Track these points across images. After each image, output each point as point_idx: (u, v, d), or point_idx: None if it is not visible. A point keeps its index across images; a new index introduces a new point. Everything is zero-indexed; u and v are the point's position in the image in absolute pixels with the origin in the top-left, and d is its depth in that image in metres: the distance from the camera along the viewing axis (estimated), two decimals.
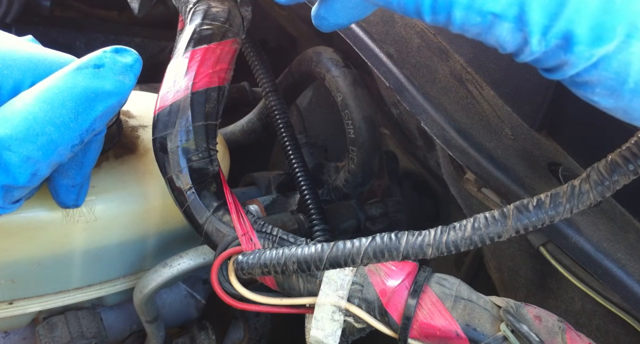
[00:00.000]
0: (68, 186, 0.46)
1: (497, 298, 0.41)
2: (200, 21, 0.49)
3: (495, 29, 0.22)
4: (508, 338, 0.38)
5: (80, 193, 0.47)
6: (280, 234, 0.44)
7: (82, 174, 0.46)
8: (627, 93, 0.22)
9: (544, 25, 0.21)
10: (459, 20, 0.22)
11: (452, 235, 0.34)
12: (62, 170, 0.46)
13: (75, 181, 0.46)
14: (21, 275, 0.53)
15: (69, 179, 0.46)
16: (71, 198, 0.47)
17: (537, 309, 0.40)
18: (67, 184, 0.46)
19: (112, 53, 0.41)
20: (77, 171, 0.46)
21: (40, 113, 0.38)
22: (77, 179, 0.46)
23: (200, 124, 0.46)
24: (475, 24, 0.22)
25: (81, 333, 0.59)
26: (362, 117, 0.64)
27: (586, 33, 0.21)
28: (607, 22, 0.20)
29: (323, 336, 0.42)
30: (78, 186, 0.47)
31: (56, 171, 0.45)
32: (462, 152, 0.46)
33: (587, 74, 0.22)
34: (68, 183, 0.46)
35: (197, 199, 0.45)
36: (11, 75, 0.40)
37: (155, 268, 0.57)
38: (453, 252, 0.34)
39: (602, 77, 0.22)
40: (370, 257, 0.36)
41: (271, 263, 0.40)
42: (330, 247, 0.38)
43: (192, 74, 0.46)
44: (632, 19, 0.20)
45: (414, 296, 0.40)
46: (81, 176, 0.46)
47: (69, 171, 0.46)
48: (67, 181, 0.46)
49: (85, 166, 0.46)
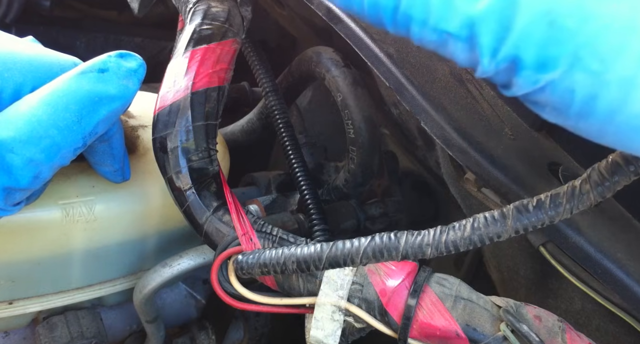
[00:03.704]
0: (112, 172, 0.50)
1: (497, 298, 0.41)
2: (200, 21, 0.49)
3: (449, 47, 0.23)
4: (508, 337, 0.38)
5: (125, 172, 0.51)
6: (280, 234, 0.44)
7: (117, 160, 0.49)
8: (573, 115, 0.23)
9: (493, 48, 0.22)
10: (417, 35, 0.24)
11: (451, 235, 0.34)
12: (99, 162, 0.49)
13: (115, 167, 0.50)
14: (21, 275, 0.53)
15: (108, 167, 0.50)
16: (119, 178, 0.51)
17: (537, 309, 0.40)
18: (110, 170, 0.50)
19: (117, 58, 0.42)
20: (112, 160, 0.49)
21: (43, 116, 0.38)
22: (116, 165, 0.49)
23: (200, 124, 0.46)
24: (432, 40, 0.24)
25: (81, 333, 0.59)
26: (362, 117, 0.64)
27: (532, 59, 0.22)
28: (552, 51, 0.21)
29: (323, 336, 0.42)
30: (119, 169, 0.50)
31: (96, 163, 0.49)
32: (462, 152, 0.46)
33: (536, 95, 0.23)
34: (110, 170, 0.50)
35: (197, 199, 0.45)
36: (12, 78, 0.40)
37: (155, 268, 0.57)
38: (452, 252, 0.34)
39: (549, 99, 0.23)
40: (369, 257, 0.36)
41: (271, 263, 0.40)
42: (330, 247, 0.38)
43: (192, 74, 0.46)
44: (575, 50, 0.21)
45: (414, 296, 0.40)
46: (117, 162, 0.50)
47: (106, 161, 0.49)
48: (108, 169, 0.50)
49: (116, 154, 0.49)
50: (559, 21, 0.21)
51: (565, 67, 0.21)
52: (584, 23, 0.21)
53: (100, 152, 0.48)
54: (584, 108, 0.22)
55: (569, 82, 0.22)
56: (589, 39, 0.21)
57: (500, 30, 0.22)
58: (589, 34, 0.21)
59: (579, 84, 0.22)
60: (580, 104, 0.22)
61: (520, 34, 0.21)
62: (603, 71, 0.21)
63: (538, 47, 0.21)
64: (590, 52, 0.21)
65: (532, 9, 0.21)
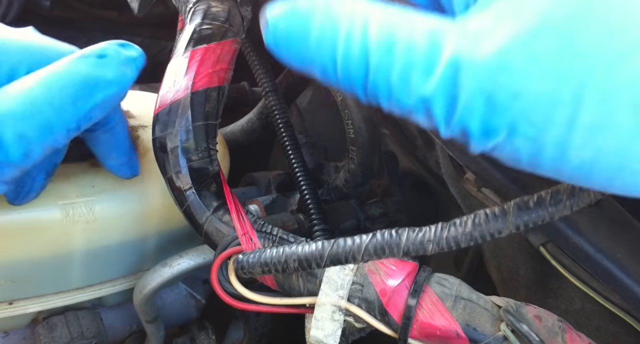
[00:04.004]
0: (119, 165, 0.51)
1: (497, 298, 0.41)
2: (200, 21, 0.49)
3: (413, 115, 0.27)
4: (508, 337, 0.38)
5: (133, 166, 0.52)
6: (280, 234, 0.44)
7: (122, 152, 0.50)
8: (527, 166, 0.27)
9: (445, 120, 0.26)
10: (385, 106, 0.27)
11: (452, 231, 0.34)
12: (105, 155, 0.50)
13: (121, 160, 0.50)
14: (21, 275, 0.53)
15: (114, 160, 0.50)
16: (127, 172, 0.52)
17: (537, 309, 0.40)
18: (116, 164, 0.51)
19: (117, 45, 0.42)
20: (117, 152, 0.50)
21: (38, 94, 0.39)
22: (121, 157, 0.50)
23: (200, 123, 0.46)
24: (399, 110, 0.27)
25: (81, 333, 0.59)
26: (362, 117, 0.64)
27: (477, 129, 0.25)
28: (492, 122, 0.25)
29: (323, 335, 0.42)
30: (126, 162, 0.51)
31: (102, 157, 0.50)
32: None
33: (490, 153, 0.27)
34: (116, 163, 0.51)
35: (197, 199, 0.45)
36: (8, 61, 0.40)
37: (155, 268, 0.57)
38: (453, 248, 0.34)
39: (502, 156, 0.27)
40: (371, 253, 0.36)
41: (272, 261, 0.40)
42: (331, 244, 0.38)
43: (192, 73, 0.46)
44: (511, 120, 0.24)
45: (414, 296, 0.40)
46: (123, 154, 0.50)
47: (111, 154, 0.50)
48: (114, 162, 0.50)
49: (120, 145, 0.49)
50: (494, 98, 0.24)
51: (506, 134, 0.25)
52: (515, 99, 0.24)
53: (104, 143, 0.49)
54: (532, 162, 0.26)
55: (512, 145, 0.25)
56: (522, 111, 0.24)
57: (448, 106, 0.25)
58: (521, 108, 0.24)
59: (521, 146, 0.25)
60: (527, 160, 0.26)
61: (463, 109, 0.25)
62: (538, 136, 0.24)
63: (480, 119, 0.25)
64: (525, 122, 0.24)
65: (471, 89, 0.24)
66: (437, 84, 0.25)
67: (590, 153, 0.24)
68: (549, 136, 0.24)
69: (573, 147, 0.24)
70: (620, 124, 0.23)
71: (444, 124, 0.26)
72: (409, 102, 0.26)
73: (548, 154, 0.25)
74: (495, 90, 0.24)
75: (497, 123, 0.25)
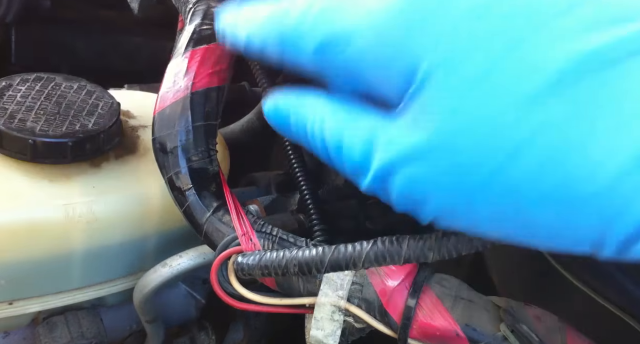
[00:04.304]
0: None
1: (497, 298, 0.41)
2: (200, 21, 0.49)
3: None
4: (508, 338, 0.38)
5: None
6: (280, 234, 0.44)
7: None
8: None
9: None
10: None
11: (453, 239, 0.34)
12: None
13: None
14: (21, 275, 0.53)
15: None
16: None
17: (537, 310, 0.40)
18: None
19: None
20: None
21: None
22: None
23: (200, 124, 0.46)
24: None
25: (81, 333, 0.59)
26: None
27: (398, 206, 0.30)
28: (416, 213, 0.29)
29: (323, 336, 0.42)
30: None
31: None
32: None
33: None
34: None
35: (197, 199, 0.45)
36: None
37: (155, 268, 0.57)
38: (454, 256, 0.34)
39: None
40: (371, 261, 0.36)
41: (272, 265, 0.40)
42: (332, 250, 0.38)
43: (192, 74, 0.46)
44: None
45: (413, 296, 0.40)
46: None
47: None
48: None
49: None
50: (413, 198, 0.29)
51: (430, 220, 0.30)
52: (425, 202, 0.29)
53: None
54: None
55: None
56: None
57: (384, 194, 0.30)
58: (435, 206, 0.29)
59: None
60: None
61: (394, 203, 0.30)
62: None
63: (407, 209, 0.30)
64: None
65: (396, 192, 0.29)
66: (370, 185, 0.29)
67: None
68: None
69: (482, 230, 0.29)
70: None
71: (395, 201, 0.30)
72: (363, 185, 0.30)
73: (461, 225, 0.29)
74: (411, 193, 0.28)
75: (419, 210, 0.29)
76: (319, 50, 0.29)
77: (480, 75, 0.24)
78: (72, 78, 0.59)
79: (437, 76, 0.25)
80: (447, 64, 0.25)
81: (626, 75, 0.23)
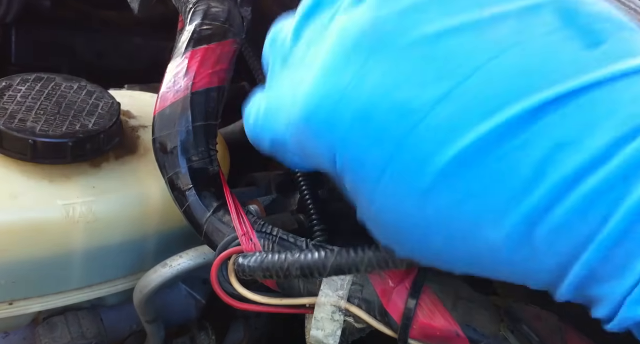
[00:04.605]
0: None
1: (497, 298, 0.41)
2: (200, 21, 0.49)
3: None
4: (508, 338, 0.38)
5: None
6: (280, 234, 0.44)
7: None
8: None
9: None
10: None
11: None
12: None
13: None
14: (21, 275, 0.53)
15: None
16: None
17: (537, 310, 0.40)
18: None
19: None
20: None
21: None
22: None
23: (200, 124, 0.46)
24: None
25: (81, 333, 0.59)
26: None
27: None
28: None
29: (323, 336, 0.42)
30: None
31: None
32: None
33: None
34: None
35: (197, 199, 0.45)
36: None
37: (155, 268, 0.57)
38: None
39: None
40: (374, 266, 0.36)
41: (273, 267, 0.40)
42: (334, 254, 0.38)
43: (192, 74, 0.46)
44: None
45: (414, 296, 0.40)
46: None
47: None
48: None
49: None
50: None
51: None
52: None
53: None
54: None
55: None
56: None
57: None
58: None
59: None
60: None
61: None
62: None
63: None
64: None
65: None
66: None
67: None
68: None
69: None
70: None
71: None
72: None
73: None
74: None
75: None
76: (271, 149, 0.38)
77: (378, 172, 0.28)
78: (72, 78, 0.59)
79: (348, 172, 0.30)
80: (352, 163, 0.30)
81: (498, 160, 0.26)
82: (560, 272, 0.27)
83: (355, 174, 0.30)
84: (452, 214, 0.27)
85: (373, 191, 0.29)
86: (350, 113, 0.28)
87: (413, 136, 0.27)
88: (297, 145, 0.34)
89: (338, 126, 0.29)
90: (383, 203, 0.29)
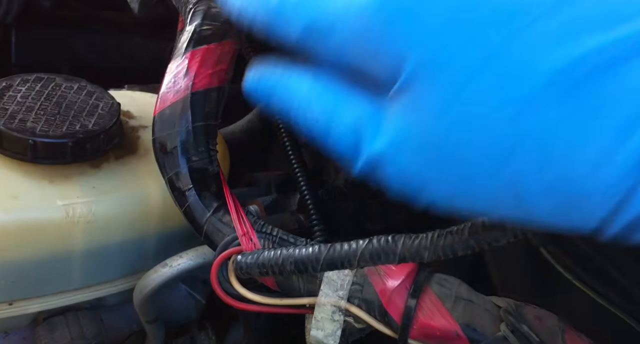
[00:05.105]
0: None
1: (497, 298, 0.41)
2: (200, 21, 0.49)
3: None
4: (508, 338, 0.38)
5: None
6: (280, 235, 0.44)
7: None
8: None
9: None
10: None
11: (449, 239, 0.34)
12: None
13: None
14: (21, 275, 0.53)
15: None
16: None
17: (537, 310, 0.40)
18: None
19: None
20: None
21: None
22: None
23: (200, 124, 0.46)
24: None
25: (81, 333, 0.59)
26: None
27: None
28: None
29: (323, 336, 0.42)
30: None
31: None
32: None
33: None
34: None
35: (197, 199, 0.45)
36: None
37: (155, 268, 0.57)
38: (450, 256, 0.34)
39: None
40: (367, 259, 0.36)
41: (269, 263, 0.40)
42: (328, 249, 0.38)
43: (192, 74, 0.46)
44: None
45: (413, 297, 0.40)
46: None
47: None
48: None
49: None
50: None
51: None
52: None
53: None
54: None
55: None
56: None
57: (376, 180, 0.29)
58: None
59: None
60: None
61: (387, 183, 0.29)
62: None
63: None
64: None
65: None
66: (360, 172, 0.28)
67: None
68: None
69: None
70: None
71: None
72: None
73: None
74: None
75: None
76: (303, 36, 0.28)
77: (468, 77, 0.24)
78: (72, 78, 0.59)
79: (426, 75, 0.25)
80: (435, 63, 0.24)
81: (618, 79, 0.22)
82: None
83: (433, 78, 0.25)
84: (553, 132, 0.23)
85: (453, 99, 0.24)
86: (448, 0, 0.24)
87: (527, 34, 0.23)
88: (349, 37, 0.27)
89: (429, 15, 0.24)
90: (462, 115, 0.24)
